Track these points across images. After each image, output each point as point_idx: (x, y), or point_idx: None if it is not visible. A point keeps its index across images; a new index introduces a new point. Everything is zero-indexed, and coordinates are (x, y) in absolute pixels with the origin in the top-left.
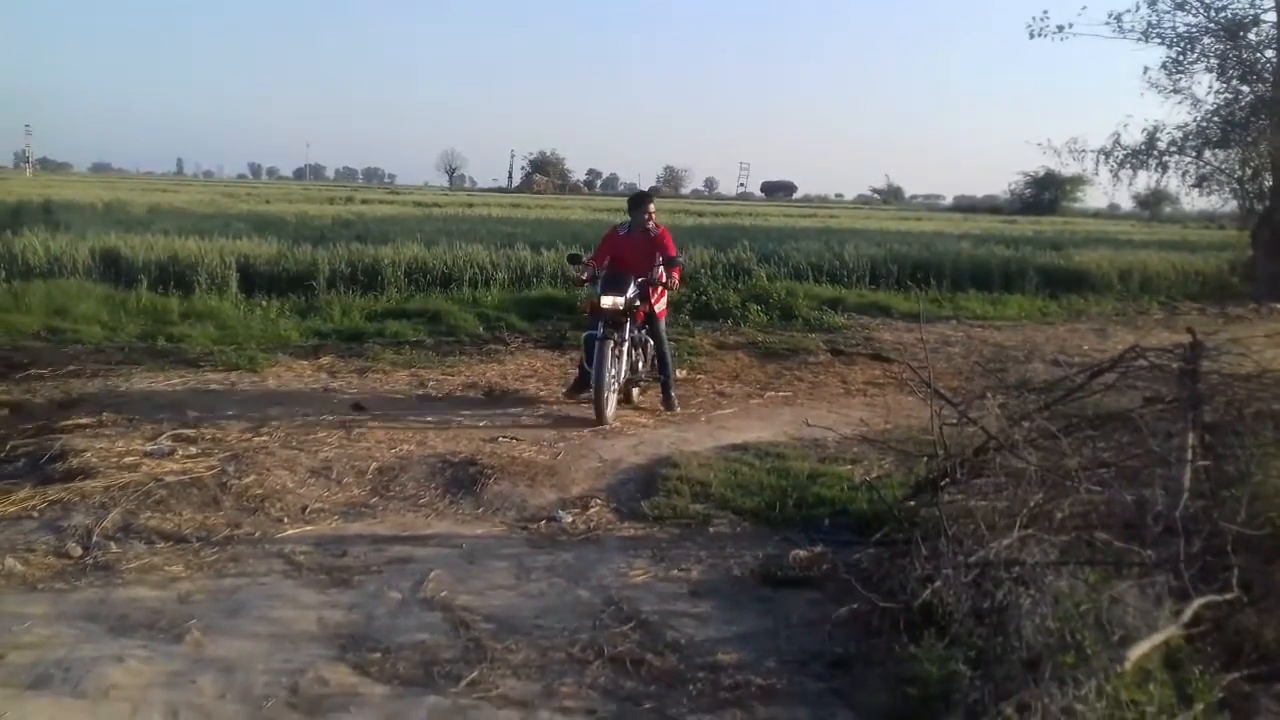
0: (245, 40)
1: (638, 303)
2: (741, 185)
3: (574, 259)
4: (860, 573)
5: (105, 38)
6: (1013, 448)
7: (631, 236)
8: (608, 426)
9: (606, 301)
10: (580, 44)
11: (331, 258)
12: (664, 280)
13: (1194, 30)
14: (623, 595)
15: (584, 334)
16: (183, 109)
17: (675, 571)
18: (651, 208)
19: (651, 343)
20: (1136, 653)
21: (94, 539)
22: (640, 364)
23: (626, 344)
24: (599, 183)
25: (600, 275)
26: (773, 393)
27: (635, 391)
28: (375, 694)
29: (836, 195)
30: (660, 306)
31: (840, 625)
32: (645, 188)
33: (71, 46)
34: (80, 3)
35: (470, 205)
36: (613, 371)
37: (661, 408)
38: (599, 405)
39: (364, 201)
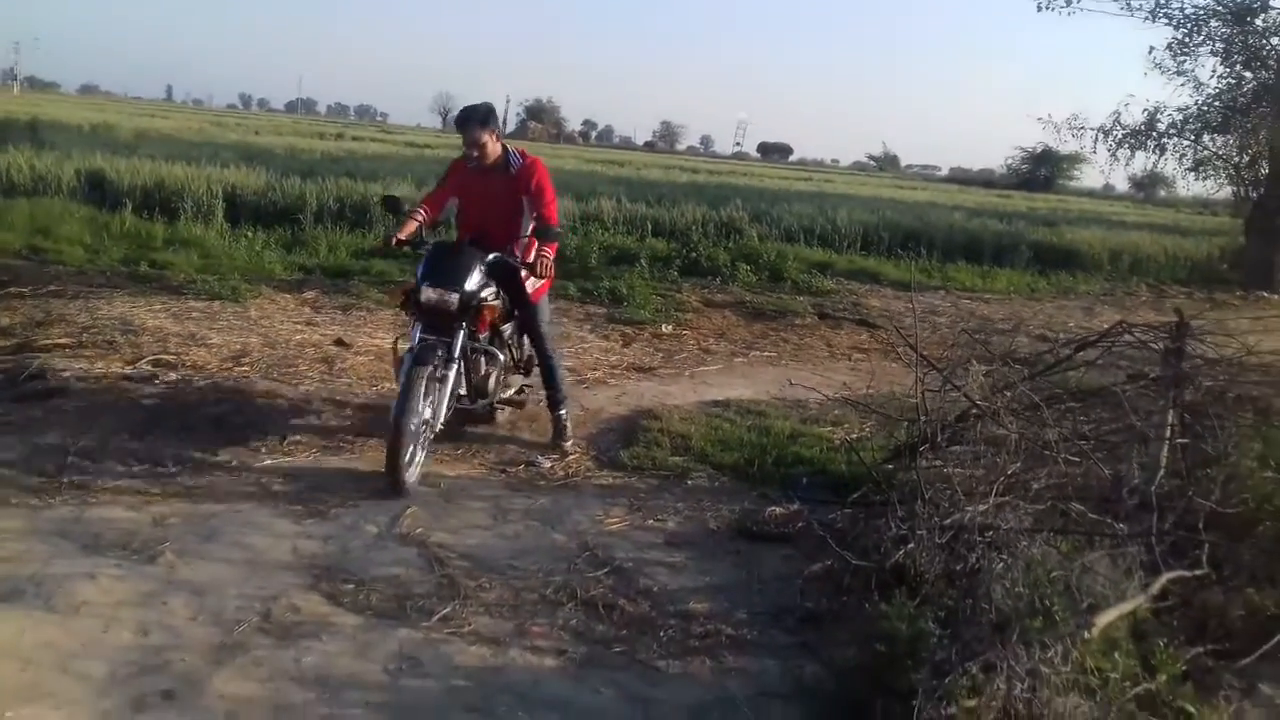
0: None
1: (486, 298)
2: (738, 144)
3: (391, 203)
4: (835, 532)
5: None
6: (994, 415)
7: (484, 173)
8: (405, 495)
9: (429, 295)
10: None
11: (320, 192)
12: (532, 260)
13: (1202, 12)
14: (598, 541)
15: (394, 342)
16: (175, 33)
17: (652, 521)
18: (484, 135)
19: (517, 340)
20: (1104, 620)
21: (70, 459)
22: (491, 379)
23: (457, 364)
24: (594, 134)
25: (426, 245)
26: (757, 352)
27: (501, 413)
28: (347, 624)
29: (833, 160)
30: (534, 284)
31: (813, 581)
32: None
33: None
34: None
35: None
36: (427, 413)
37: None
38: (393, 461)
39: (355, 139)
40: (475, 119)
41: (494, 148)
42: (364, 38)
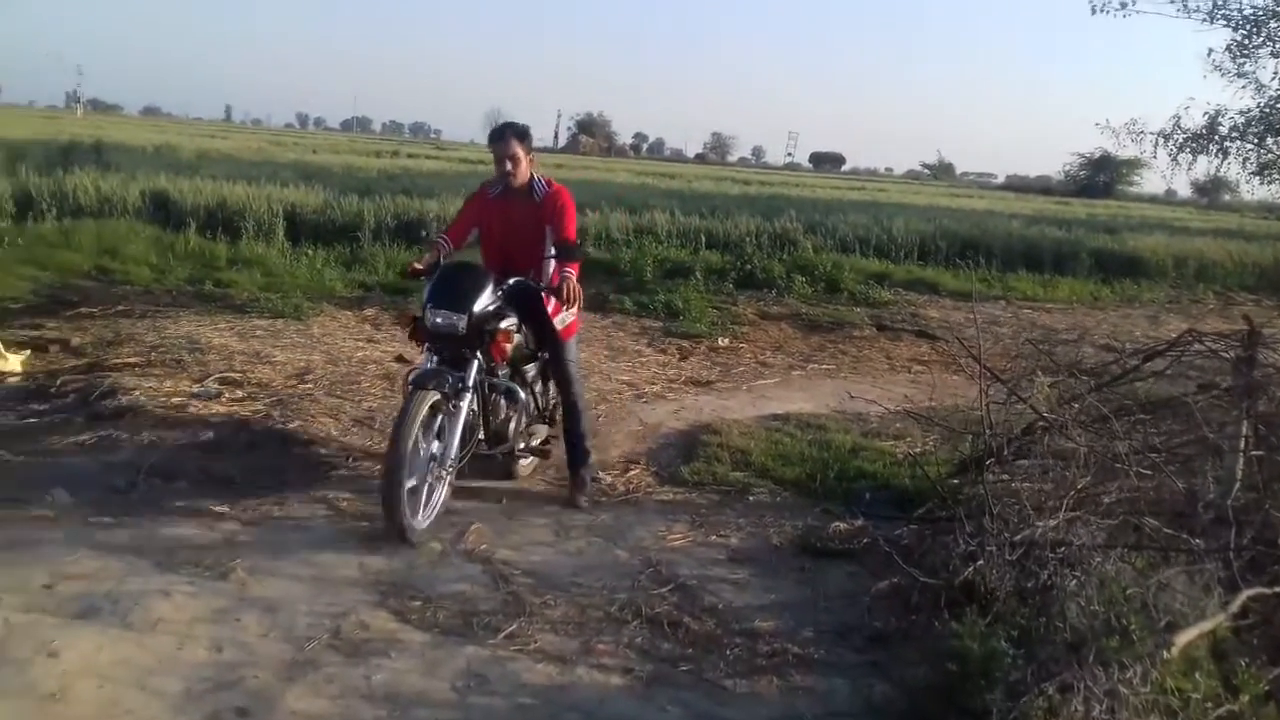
0: None
1: (500, 323)
2: (789, 155)
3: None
4: (901, 548)
5: None
6: (1062, 428)
7: (506, 200)
8: (409, 541)
9: (434, 319)
10: (632, 5)
11: (377, 210)
12: (557, 284)
13: (1261, 13)
14: (661, 558)
15: (407, 373)
16: (233, 56)
17: (714, 537)
18: (520, 150)
19: (541, 385)
20: (1184, 639)
21: (141, 476)
22: (512, 423)
23: (470, 395)
24: (645, 146)
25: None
26: (815, 365)
27: (522, 463)
28: (415, 641)
29: (886, 169)
30: (565, 319)
31: (880, 599)
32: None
33: None
34: None
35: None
36: (435, 446)
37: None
38: (389, 498)
39: (410, 156)
40: (512, 132)
41: (525, 168)
42: (416, 56)
